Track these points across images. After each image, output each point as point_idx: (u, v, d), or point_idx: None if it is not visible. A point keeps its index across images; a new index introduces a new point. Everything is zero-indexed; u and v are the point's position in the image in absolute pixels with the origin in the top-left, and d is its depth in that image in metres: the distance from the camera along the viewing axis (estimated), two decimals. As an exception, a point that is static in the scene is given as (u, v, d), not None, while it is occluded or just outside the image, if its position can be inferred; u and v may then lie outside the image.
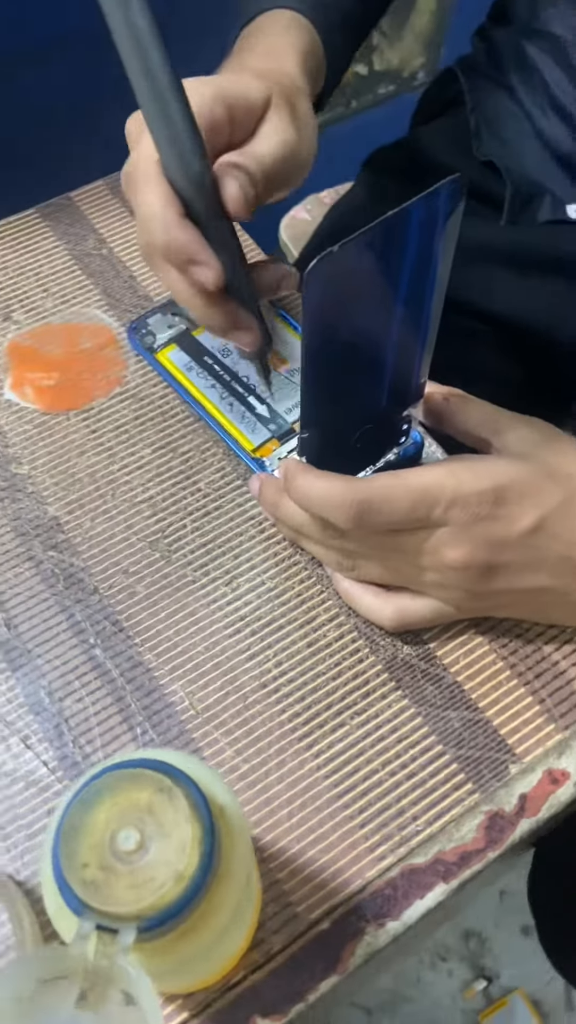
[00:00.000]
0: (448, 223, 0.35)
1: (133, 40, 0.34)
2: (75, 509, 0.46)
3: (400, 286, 0.35)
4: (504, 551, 0.37)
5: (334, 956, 0.34)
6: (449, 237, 0.35)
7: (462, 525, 0.37)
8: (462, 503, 0.36)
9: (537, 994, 1.10)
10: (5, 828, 0.38)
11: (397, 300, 0.36)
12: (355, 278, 0.33)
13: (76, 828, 0.26)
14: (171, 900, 0.25)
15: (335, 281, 0.32)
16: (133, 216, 0.45)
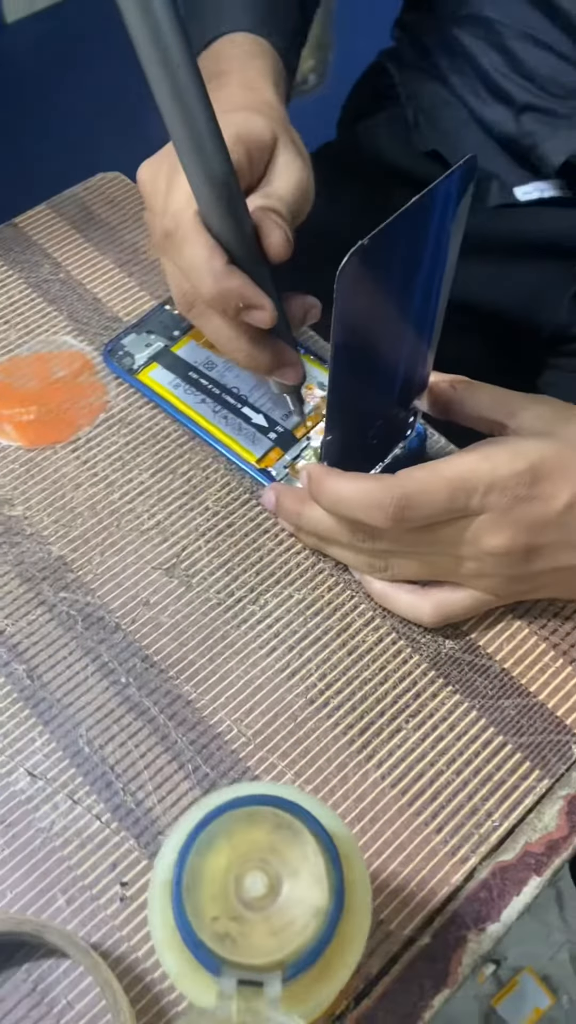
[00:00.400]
0: (460, 206, 0.34)
1: (175, 92, 0.32)
2: (80, 546, 0.44)
3: (419, 274, 0.35)
4: (544, 531, 0.37)
5: (442, 970, 0.33)
6: (459, 221, 0.35)
7: (501, 510, 0.36)
8: (500, 487, 0.36)
9: (545, 969, 1.10)
10: (68, 892, 0.35)
11: (416, 289, 0.35)
12: (382, 270, 0.32)
13: (197, 880, 0.24)
14: (314, 940, 0.23)
15: (365, 275, 0.31)
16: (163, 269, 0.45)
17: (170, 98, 0.33)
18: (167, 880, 0.26)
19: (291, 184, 0.40)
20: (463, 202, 0.34)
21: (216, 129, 0.34)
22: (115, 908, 0.35)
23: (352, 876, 0.26)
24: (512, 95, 0.60)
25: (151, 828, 0.37)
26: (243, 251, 0.38)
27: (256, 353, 0.39)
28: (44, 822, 0.37)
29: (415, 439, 0.45)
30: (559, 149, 0.57)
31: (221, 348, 0.41)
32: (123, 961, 0.34)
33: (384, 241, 0.30)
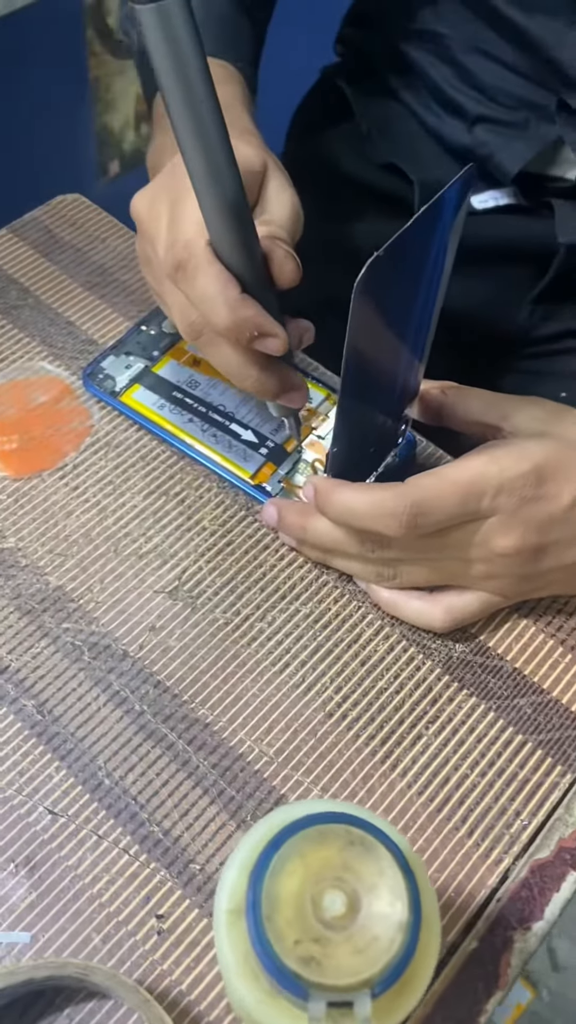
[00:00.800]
0: (457, 216, 0.35)
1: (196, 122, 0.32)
2: (78, 574, 0.43)
3: (422, 283, 0.35)
4: (552, 529, 0.38)
5: (492, 973, 0.33)
6: (456, 229, 0.35)
7: (510, 511, 0.37)
8: (508, 489, 0.36)
9: (524, 964, 1.12)
10: (103, 930, 0.34)
11: (419, 296, 0.36)
12: (393, 280, 0.32)
13: (274, 904, 0.23)
14: (401, 954, 0.23)
15: (379, 285, 0.31)
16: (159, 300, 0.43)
17: (192, 129, 0.32)
18: (235, 908, 0.25)
19: (286, 210, 0.40)
20: (460, 212, 0.35)
21: (232, 157, 0.34)
22: (153, 942, 0.34)
23: (422, 885, 0.26)
24: (464, 107, 0.61)
25: (182, 857, 0.36)
26: (253, 279, 0.37)
27: (265, 379, 0.39)
28: (71, 860, 0.36)
29: (406, 447, 0.46)
30: (514, 159, 0.59)
31: (230, 375, 0.40)
32: (167, 996, 0.33)
33: (397, 252, 0.31)
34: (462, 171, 0.33)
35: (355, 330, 0.32)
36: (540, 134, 0.57)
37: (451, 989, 0.33)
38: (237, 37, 0.53)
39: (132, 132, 1.35)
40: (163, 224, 0.39)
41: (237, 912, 0.25)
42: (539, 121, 0.57)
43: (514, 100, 0.59)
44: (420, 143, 0.64)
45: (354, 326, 0.32)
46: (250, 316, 0.37)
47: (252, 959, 0.25)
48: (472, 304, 0.65)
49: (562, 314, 0.65)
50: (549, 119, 0.56)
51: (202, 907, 0.35)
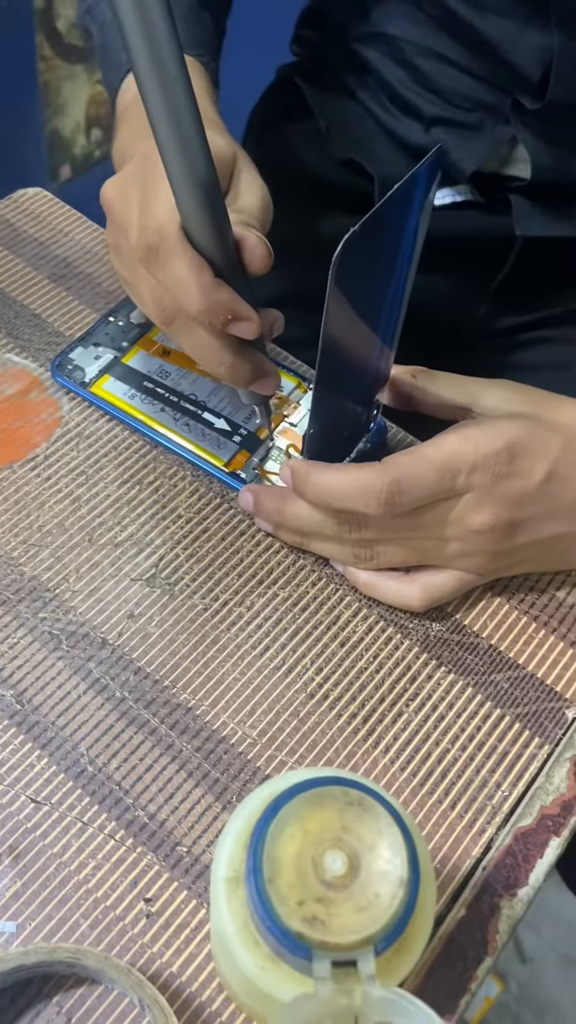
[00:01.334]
0: (428, 197, 0.35)
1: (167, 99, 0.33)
2: (53, 564, 0.43)
3: (396, 263, 0.36)
4: (525, 506, 0.38)
5: (481, 939, 0.34)
6: (426, 211, 0.36)
7: (484, 488, 0.38)
8: (482, 466, 0.37)
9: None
10: (90, 916, 0.34)
11: (393, 278, 0.36)
12: (369, 258, 0.33)
13: (276, 868, 0.23)
14: (402, 910, 0.23)
15: (354, 263, 0.32)
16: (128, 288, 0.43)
17: (164, 109, 0.33)
18: (233, 876, 0.25)
19: (256, 199, 0.41)
20: (430, 193, 0.35)
21: (204, 138, 0.34)
22: (142, 926, 0.34)
23: (418, 843, 0.26)
24: (420, 109, 0.62)
25: (168, 840, 0.36)
26: (226, 264, 0.37)
27: (238, 365, 0.39)
28: (55, 848, 0.35)
29: (377, 433, 0.46)
30: (470, 159, 0.59)
31: (202, 361, 0.40)
32: (159, 978, 0.33)
33: (372, 229, 0.31)
34: (432, 151, 0.33)
35: (332, 307, 0.32)
36: (495, 134, 0.58)
37: (440, 958, 0.33)
38: (199, 31, 0.53)
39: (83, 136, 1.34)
40: (134, 210, 0.39)
41: (236, 880, 0.25)
42: (494, 122, 0.58)
43: (469, 102, 0.60)
44: (378, 141, 0.65)
45: (331, 303, 0.32)
46: (224, 300, 0.37)
47: (252, 926, 0.25)
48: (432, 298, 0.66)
49: (521, 307, 0.66)
50: (504, 120, 0.57)
51: (190, 888, 0.35)
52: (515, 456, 0.38)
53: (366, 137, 0.65)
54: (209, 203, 0.36)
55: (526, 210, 0.58)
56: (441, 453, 0.37)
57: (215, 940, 0.28)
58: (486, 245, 0.64)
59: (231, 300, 0.37)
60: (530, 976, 1.10)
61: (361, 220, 0.31)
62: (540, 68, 0.51)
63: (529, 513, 0.39)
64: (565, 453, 0.39)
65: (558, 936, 1.12)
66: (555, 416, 0.40)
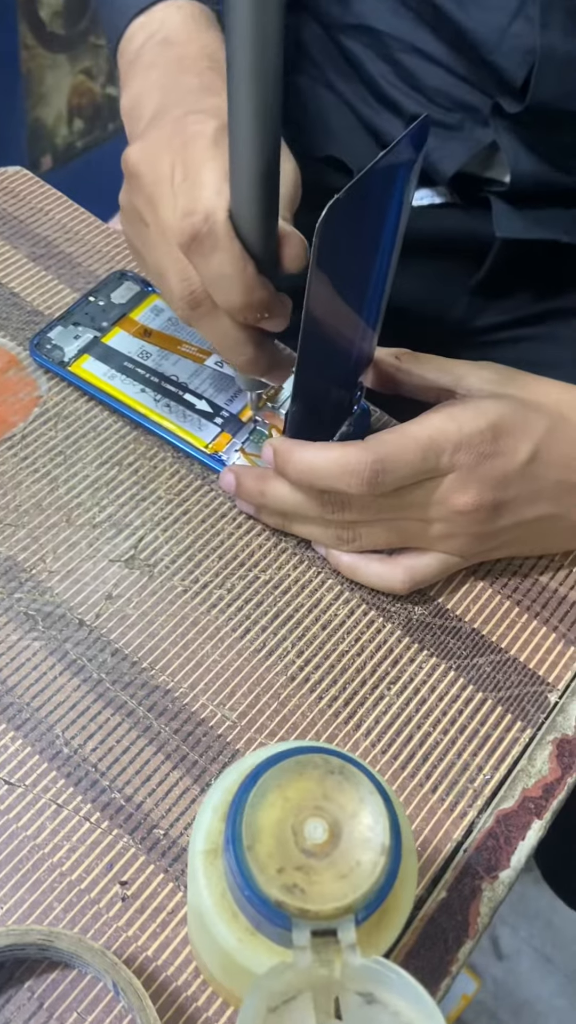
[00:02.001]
0: (412, 171, 0.35)
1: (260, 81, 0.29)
2: (30, 544, 0.42)
3: (382, 238, 0.35)
4: (509, 486, 0.38)
5: (462, 922, 0.33)
6: (411, 186, 0.36)
7: (468, 468, 0.37)
8: (466, 445, 0.37)
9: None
10: (64, 899, 0.33)
11: (378, 253, 0.36)
12: (354, 227, 0.32)
13: (255, 836, 0.23)
14: (383, 878, 0.23)
15: (338, 233, 0.31)
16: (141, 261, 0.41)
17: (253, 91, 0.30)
18: (211, 848, 0.25)
19: (289, 184, 0.38)
20: (415, 167, 0.35)
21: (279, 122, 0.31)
22: (117, 909, 0.33)
23: (399, 811, 0.25)
24: (401, 105, 0.61)
25: (145, 822, 0.35)
26: (268, 258, 0.35)
27: (258, 356, 0.38)
28: (29, 830, 0.34)
29: (361, 417, 0.46)
30: (450, 160, 0.59)
31: (224, 351, 0.38)
32: (134, 962, 0.32)
33: (356, 196, 0.31)
34: (418, 120, 0.33)
35: (316, 277, 0.32)
36: (475, 136, 0.58)
37: (421, 940, 0.33)
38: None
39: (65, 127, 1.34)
40: (168, 186, 0.36)
41: (213, 852, 0.25)
42: (474, 124, 0.58)
43: (450, 101, 0.59)
44: (353, 135, 0.64)
45: (315, 273, 0.32)
46: (265, 298, 0.35)
47: (230, 898, 0.24)
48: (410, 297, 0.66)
49: (498, 305, 0.66)
50: (483, 123, 0.57)
51: (167, 871, 0.34)
52: (499, 436, 0.37)
53: (344, 132, 0.65)
54: (268, 197, 0.34)
55: (505, 213, 0.58)
56: (425, 432, 0.37)
57: (192, 917, 0.27)
58: (464, 245, 0.63)
59: (271, 298, 0.36)
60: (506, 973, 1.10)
61: (346, 186, 0.30)
62: (523, 70, 0.51)
63: (513, 494, 0.38)
64: (549, 434, 0.39)
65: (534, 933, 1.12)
66: (539, 397, 0.40)
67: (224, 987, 0.29)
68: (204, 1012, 0.31)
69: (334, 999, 0.22)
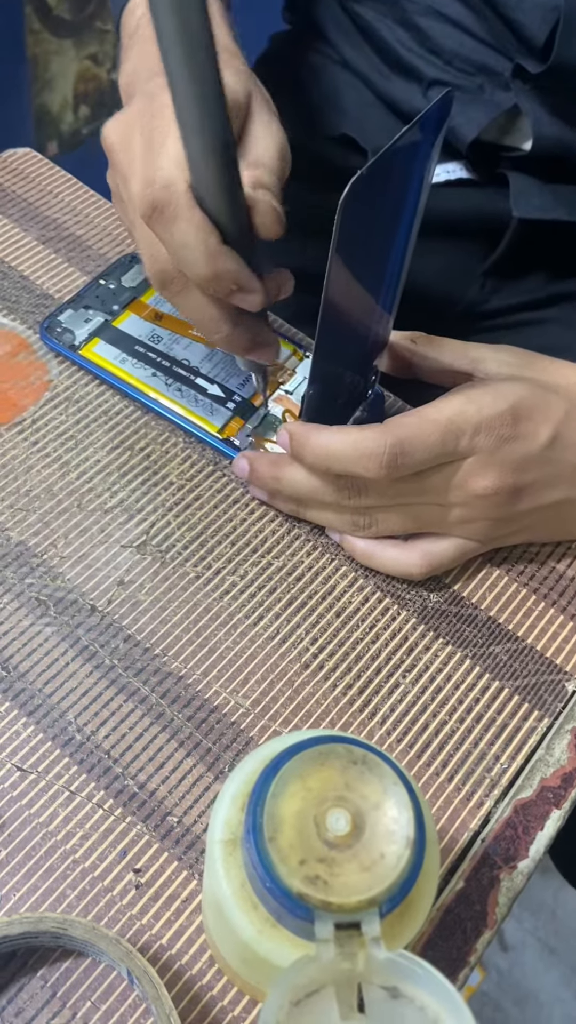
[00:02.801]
0: (433, 147, 0.34)
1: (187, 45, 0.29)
2: (41, 529, 0.41)
3: (400, 216, 0.34)
4: (528, 470, 0.38)
5: (480, 912, 0.33)
6: (432, 163, 0.35)
7: (488, 451, 0.37)
8: (486, 428, 0.36)
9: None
10: (77, 886, 0.33)
11: (398, 233, 0.35)
12: (375, 204, 0.32)
13: (276, 827, 0.22)
14: (408, 871, 0.22)
15: (359, 211, 0.31)
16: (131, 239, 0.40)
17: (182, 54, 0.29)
18: (230, 838, 0.24)
19: (272, 149, 0.37)
20: (437, 144, 0.34)
21: (221, 89, 0.31)
22: (131, 897, 0.33)
23: (422, 804, 0.25)
24: (420, 70, 0.60)
25: (159, 810, 0.35)
26: (235, 228, 0.35)
27: (237, 334, 0.37)
28: (42, 817, 0.34)
29: (375, 402, 0.45)
30: (470, 124, 0.58)
31: (201, 327, 0.38)
32: (148, 951, 0.32)
33: (379, 172, 0.30)
34: (441, 94, 0.32)
35: (338, 254, 0.31)
36: (495, 100, 0.57)
37: (439, 931, 0.32)
38: None
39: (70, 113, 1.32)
40: (137, 158, 0.36)
41: (232, 842, 0.24)
42: (494, 88, 0.57)
43: (470, 65, 0.59)
44: (371, 112, 0.63)
45: (337, 250, 0.31)
46: (230, 269, 0.35)
47: (250, 888, 0.24)
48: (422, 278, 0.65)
49: (512, 289, 0.65)
50: (504, 86, 0.56)
51: (181, 859, 0.34)
52: (519, 418, 0.37)
53: (359, 109, 0.64)
54: (224, 163, 0.33)
55: (523, 192, 0.57)
56: (444, 414, 0.36)
57: (209, 907, 0.27)
58: (479, 225, 0.62)
59: (238, 270, 0.35)
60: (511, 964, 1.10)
61: (368, 162, 0.29)
62: (546, 28, 0.50)
63: (532, 478, 0.38)
64: (568, 417, 0.38)
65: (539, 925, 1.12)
66: (558, 380, 0.39)
67: (240, 977, 0.28)
68: (219, 1001, 0.31)
69: (357, 993, 0.21)
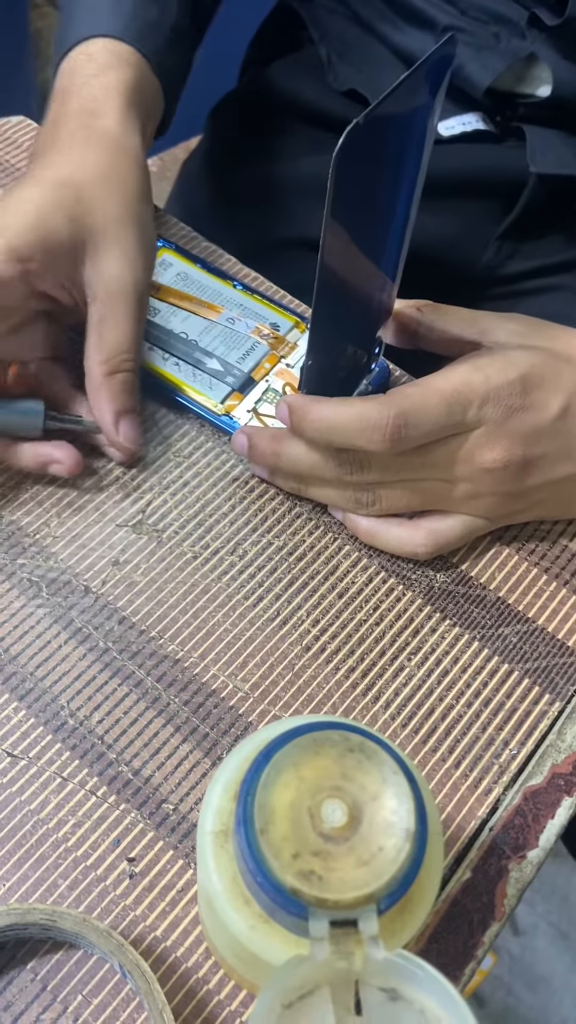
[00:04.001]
0: (436, 99, 0.32)
1: None
2: (33, 508, 0.40)
3: (403, 175, 0.33)
4: (539, 442, 0.36)
5: (488, 904, 0.31)
6: (434, 117, 0.33)
7: (497, 422, 0.35)
8: (494, 397, 0.35)
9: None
10: (69, 876, 0.32)
11: (399, 192, 0.33)
12: (374, 157, 0.30)
13: (268, 818, 0.21)
14: (408, 866, 0.21)
15: (356, 166, 0.29)
16: None
17: None
18: (221, 829, 0.23)
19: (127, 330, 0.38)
20: (440, 92, 0.32)
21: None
22: (125, 887, 0.32)
23: (425, 793, 0.23)
24: (433, 18, 0.57)
25: (154, 797, 0.33)
26: None
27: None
28: (33, 804, 0.33)
29: (379, 375, 0.44)
30: (485, 71, 0.55)
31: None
32: (142, 942, 0.31)
33: (378, 124, 0.28)
34: (441, 40, 0.30)
35: (334, 208, 0.29)
36: (512, 49, 0.55)
37: (444, 923, 0.31)
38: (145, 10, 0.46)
39: (76, 89, 1.30)
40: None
41: (224, 834, 0.23)
42: (510, 36, 0.55)
43: (485, 14, 0.56)
44: (383, 67, 0.61)
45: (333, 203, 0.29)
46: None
47: (241, 882, 0.22)
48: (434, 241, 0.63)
49: (528, 252, 0.63)
50: (520, 35, 0.54)
51: (176, 848, 0.32)
52: (529, 388, 0.35)
53: (370, 64, 0.61)
54: None
55: (541, 143, 0.55)
56: (450, 384, 0.34)
57: (202, 900, 0.26)
58: (495, 184, 0.60)
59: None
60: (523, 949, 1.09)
61: (364, 111, 0.28)
62: None
63: (543, 450, 0.36)
64: (581, 389, 0.36)
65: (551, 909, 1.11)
66: (570, 349, 0.37)
67: (236, 971, 0.27)
68: (215, 995, 0.30)
69: (354, 994, 0.20)
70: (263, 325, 0.46)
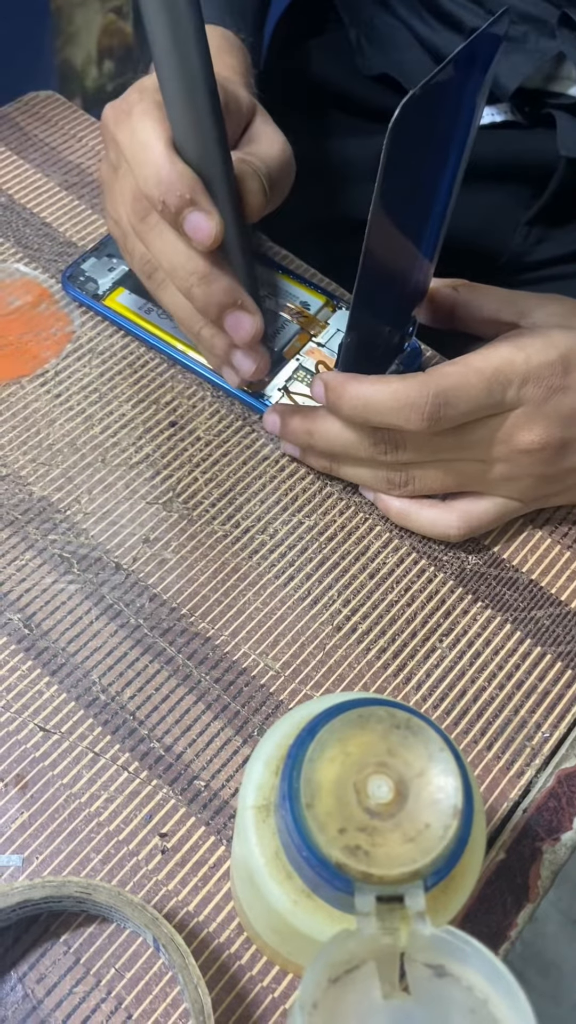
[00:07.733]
0: (486, 76, 0.32)
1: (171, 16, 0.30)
2: (64, 484, 0.40)
3: (451, 150, 0.32)
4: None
5: (521, 885, 0.31)
6: (483, 94, 0.33)
7: (536, 403, 0.35)
8: (535, 377, 0.34)
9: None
10: (102, 850, 0.32)
11: (445, 170, 0.33)
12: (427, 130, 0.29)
13: (314, 794, 0.21)
14: (455, 843, 0.21)
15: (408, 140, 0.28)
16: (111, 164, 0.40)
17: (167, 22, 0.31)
18: (263, 804, 0.23)
19: (274, 152, 0.38)
20: (489, 73, 0.32)
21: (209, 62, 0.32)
22: (157, 862, 0.32)
23: (469, 771, 0.23)
24: (461, 20, 0.57)
25: (185, 773, 0.33)
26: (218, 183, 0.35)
27: (209, 282, 0.36)
28: (65, 778, 0.33)
29: (412, 356, 0.43)
30: (512, 73, 0.55)
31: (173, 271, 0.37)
32: (174, 917, 0.31)
33: (431, 96, 0.28)
34: (495, 15, 0.30)
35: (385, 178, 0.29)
36: (540, 48, 0.54)
37: (478, 904, 0.31)
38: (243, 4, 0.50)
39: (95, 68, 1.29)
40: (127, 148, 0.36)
41: (266, 808, 0.23)
42: (539, 36, 0.54)
43: (514, 14, 0.56)
44: (410, 54, 0.60)
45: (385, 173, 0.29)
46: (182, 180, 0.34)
47: (284, 857, 0.22)
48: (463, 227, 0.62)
49: (558, 238, 0.62)
50: (549, 34, 0.53)
51: (208, 824, 0.32)
52: (570, 368, 0.35)
53: (400, 50, 0.61)
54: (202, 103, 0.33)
55: (571, 128, 0.54)
56: (490, 363, 0.34)
57: (239, 876, 0.26)
58: (524, 169, 0.60)
59: (193, 184, 0.34)
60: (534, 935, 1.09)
61: (422, 83, 0.27)
62: None
63: (580, 433, 0.36)
64: (621, 370, 0.36)
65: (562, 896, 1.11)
66: (611, 331, 0.37)
67: (271, 947, 0.27)
68: (248, 971, 0.30)
69: (400, 970, 0.20)
70: (293, 304, 0.46)
